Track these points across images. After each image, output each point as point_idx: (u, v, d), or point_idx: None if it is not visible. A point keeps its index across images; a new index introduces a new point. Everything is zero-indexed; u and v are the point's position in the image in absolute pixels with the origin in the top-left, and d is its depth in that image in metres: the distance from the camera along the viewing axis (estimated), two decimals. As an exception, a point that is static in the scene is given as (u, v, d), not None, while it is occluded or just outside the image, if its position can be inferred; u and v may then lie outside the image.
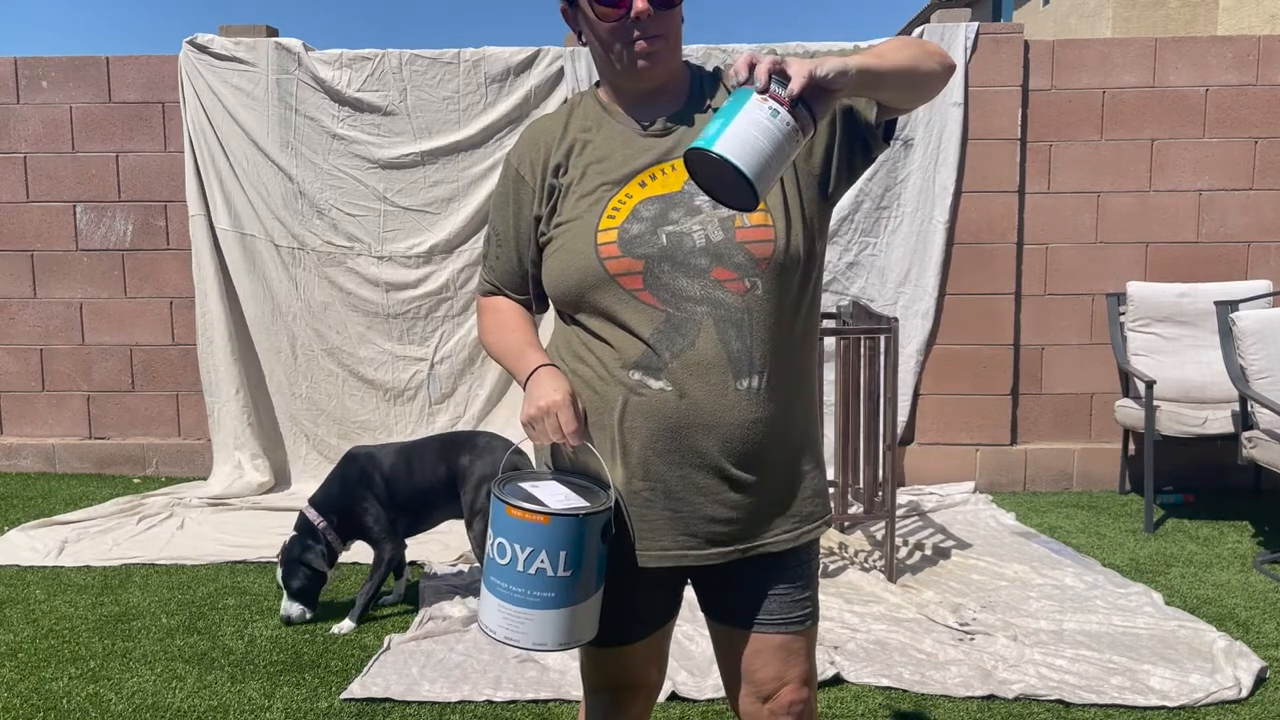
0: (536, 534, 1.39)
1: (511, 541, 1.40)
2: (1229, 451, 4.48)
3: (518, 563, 1.39)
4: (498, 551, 1.41)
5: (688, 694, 2.78)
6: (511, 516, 1.39)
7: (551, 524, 1.39)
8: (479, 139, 5.04)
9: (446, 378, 5.22)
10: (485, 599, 1.45)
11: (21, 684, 2.92)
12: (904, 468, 5.12)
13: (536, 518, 1.39)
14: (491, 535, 1.43)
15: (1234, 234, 5.04)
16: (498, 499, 1.42)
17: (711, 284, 1.43)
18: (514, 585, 1.40)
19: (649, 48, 1.45)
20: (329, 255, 5.15)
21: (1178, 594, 3.56)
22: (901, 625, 3.25)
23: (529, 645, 1.42)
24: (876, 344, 3.73)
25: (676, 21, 1.48)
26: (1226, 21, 18.34)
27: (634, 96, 1.53)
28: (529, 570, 1.39)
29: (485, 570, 1.46)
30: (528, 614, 1.41)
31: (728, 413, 1.44)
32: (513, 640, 1.42)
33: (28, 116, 5.28)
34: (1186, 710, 2.69)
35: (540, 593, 1.40)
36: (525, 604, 1.40)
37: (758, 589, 1.54)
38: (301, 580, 3.32)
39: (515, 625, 1.41)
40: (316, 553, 3.32)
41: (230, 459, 5.14)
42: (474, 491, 3.36)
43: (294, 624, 3.33)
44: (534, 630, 1.42)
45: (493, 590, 1.43)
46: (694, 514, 1.48)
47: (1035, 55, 4.99)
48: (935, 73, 1.43)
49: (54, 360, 5.43)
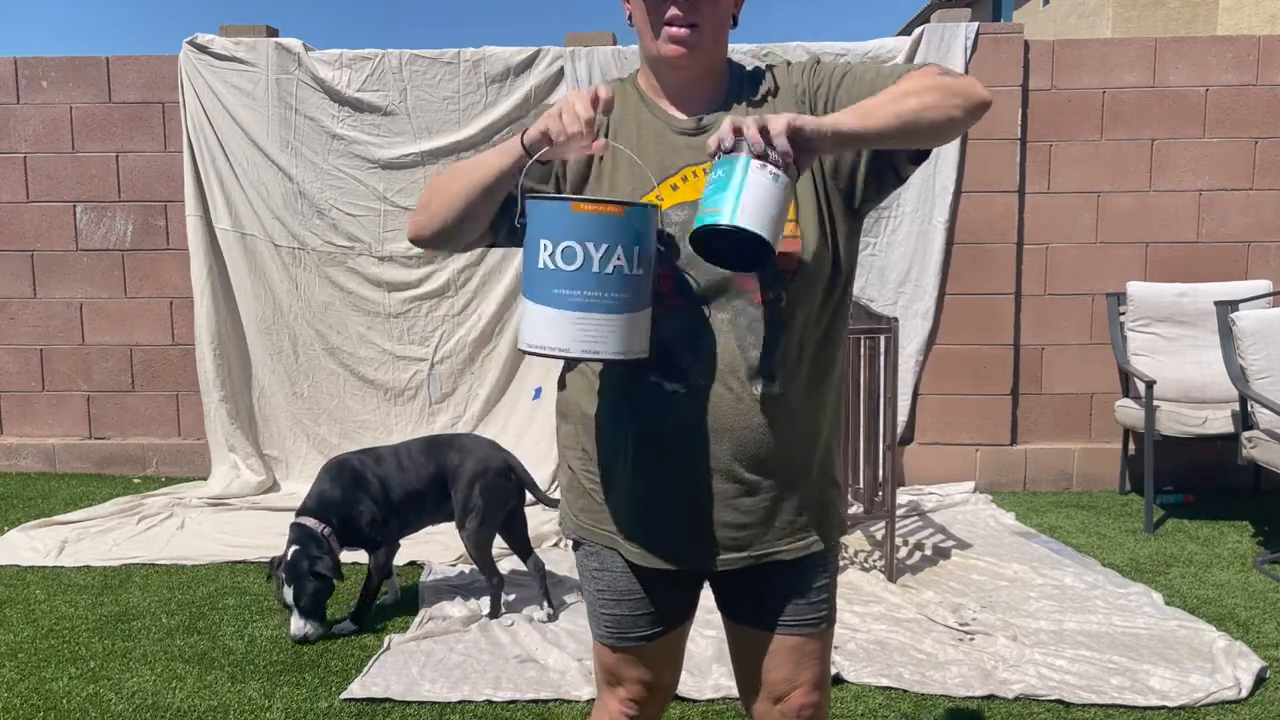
0: (610, 228, 1.29)
1: (583, 241, 1.28)
2: (1229, 451, 4.47)
3: (592, 263, 1.29)
4: (564, 257, 1.29)
5: (688, 694, 2.78)
6: (580, 213, 1.28)
7: (626, 215, 1.30)
8: (479, 139, 5.04)
9: (446, 378, 5.22)
10: (545, 317, 1.31)
11: (21, 684, 2.92)
12: (904, 468, 5.12)
13: (610, 209, 1.29)
14: (548, 243, 1.30)
15: (1234, 234, 5.04)
16: (554, 199, 1.31)
17: (736, 292, 1.42)
18: (588, 290, 1.29)
19: (678, 33, 1.43)
20: (329, 255, 5.15)
21: (1178, 594, 3.56)
22: (901, 625, 3.25)
23: (609, 354, 1.32)
24: (876, 344, 3.73)
25: (720, 14, 1.45)
26: (1226, 21, 18.34)
27: (672, 87, 1.50)
28: (605, 270, 1.29)
29: (541, 285, 1.32)
30: (606, 319, 1.30)
31: (743, 418, 1.44)
32: (590, 352, 1.31)
33: (28, 116, 5.28)
34: (1186, 710, 2.69)
35: (617, 294, 1.30)
36: (602, 308, 1.30)
37: (773, 591, 1.54)
38: (311, 595, 3.15)
39: (593, 334, 1.30)
40: (326, 564, 3.17)
41: (227, 459, 5.14)
42: (466, 490, 3.33)
43: (310, 643, 3.16)
44: (613, 338, 1.31)
45: (557, 303, 1.30)
46: (708, 519, 1.47)
47: (1035, 55, 4.99)
48: (951, 119, 1.33)
49: (54, 360, 5.43)
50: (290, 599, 3.15)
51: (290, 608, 3.16)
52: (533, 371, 5.18)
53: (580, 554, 1.61)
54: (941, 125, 1.33)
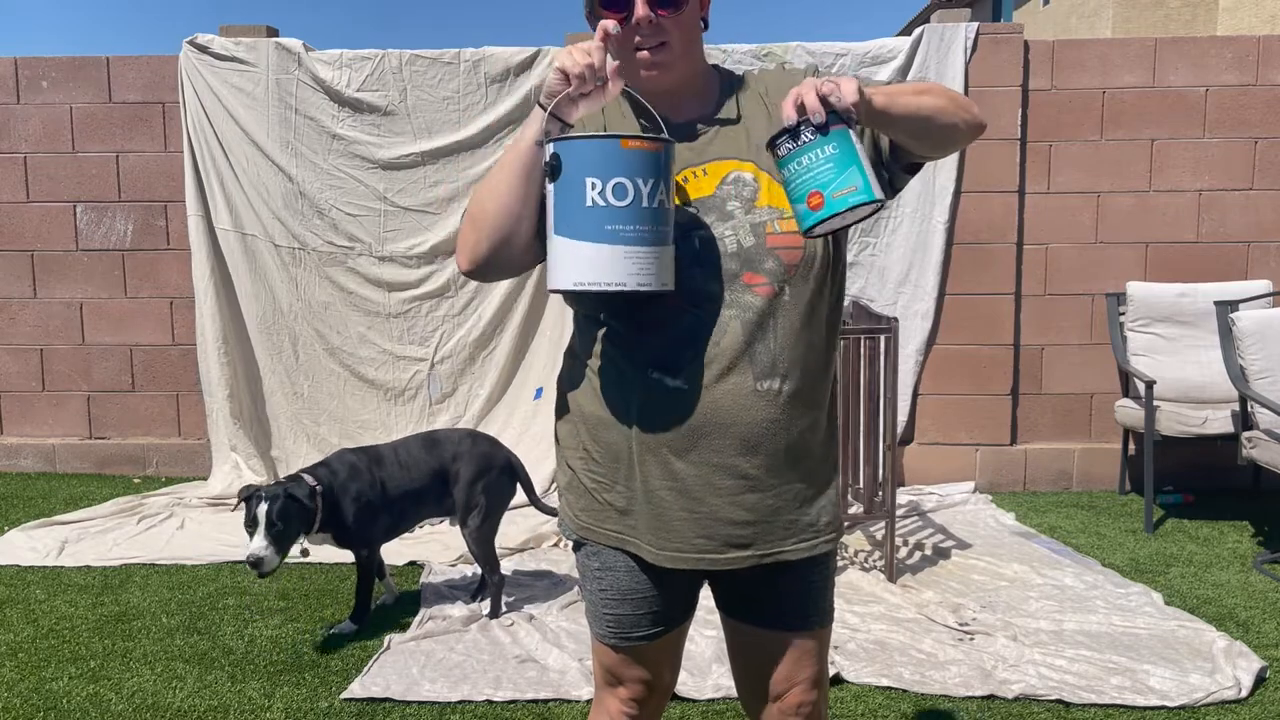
0: (655, 163, 1.34)
1: (633, 177, 1.33)
2: (1229, 451, 4.48)
3: (641, 199, 1.34)
4: (614, 193, 1.33)
5: (688, 694, 2.78)
6: (628, 148, 1.33)
7: (664, 150, 1.35)
8: (479, 139, 5.05)
9: (446, 378, 5.22)
10: (593, 254, 1.34)
11: (21, 684, 2.92)
12: (904, 468, 5.13)
13: (654, 145, 1.34)
14: (597, 181, 1.33)
15: (1234, 234, 5.04)
16: (603, 138, 1.35)
17: (740, 288, 1.43)
18: (640, 224, 1.34)
19: (651, 57, 1.45)
20: (330, 255, 5.15)
21: (1178, 594, 3.56)
22: (901, 625, 3.25)
23: (658, 286, 1.36)
24: (876, 344, 3.73)
25: (686, 26, 1.46)
26: (1226, 21, 18.35)
27: (659, 97, 1.51)
28: (653, 204, 1.34)
29: (587, 223, 1.35)
30: (656, 252, 1.36)
31: (746, 412, 1.44)
32: (644, 285, 1.35)
33: (28, 116, 5.28)
34: (1186, 710, 2.69)
35: (662, 227, 1.36)
36: (652, 240, 1.35)
37: (772, 589, 1.54)
38: (281, 514, 2.95)
39: (644, 267, 1.35)
40: (303, 491, 3.04)
41: (228, 459, 5.14)
42: (466, 490, 3.33)
43: (264, 572, 2.92)
44: (660, 269, 1.36)
45: (612, 239, 1.34)
46: (711, 515, 1.47)
47: (1035, 55, 4.99)
48: (956, 128, 1.42)
49: (54, 360, 5.43)
50: (261, 514, 2.96)
51: (255, 523, 2.96)
52: (533, 372, 5.18)
53: (581, 554, 1.61)
54: (948, 130, 1.42)
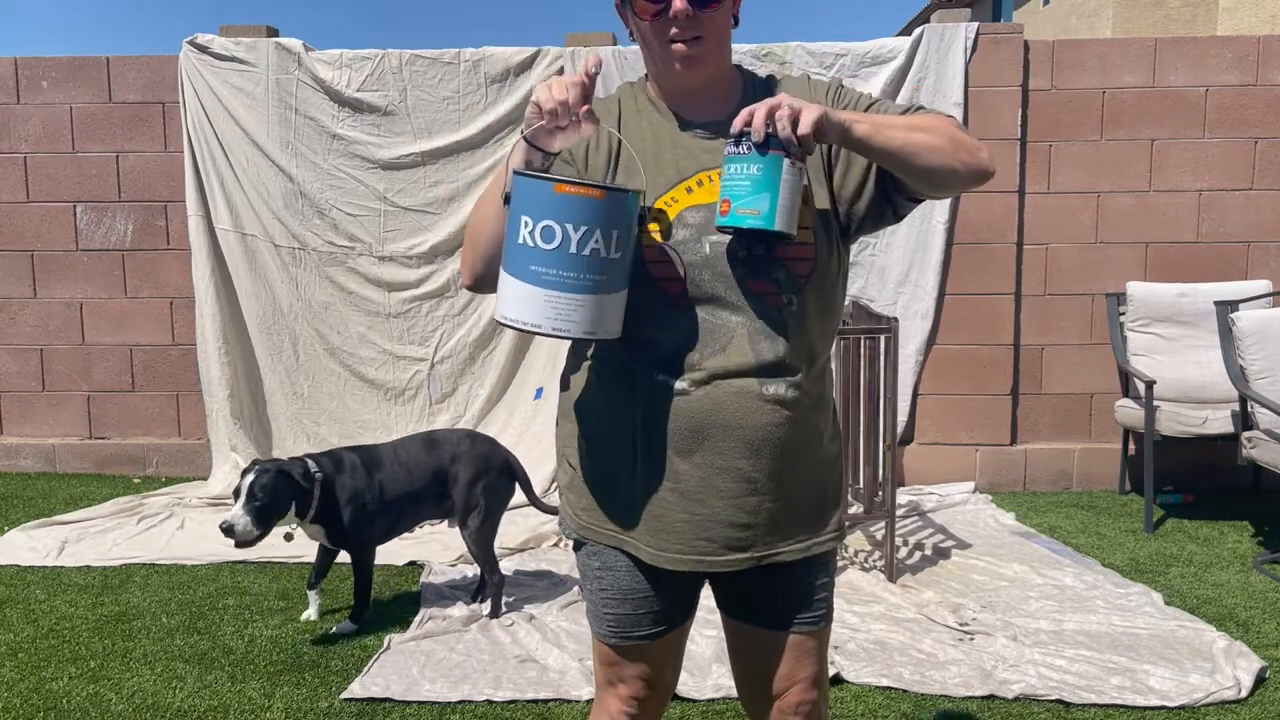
0: (589, 211, 1.32)
1: (561, 221, 1.32)
2: (1229, 451, 4.48)
3: (569, 244, 1.32)
4: (542, 236, 1.33)
5: (688, 694, 2.78)
6: (561, 194, 1.31)
7: (606, 199, 1.32)
8: (479, 139, 5.05)
9: (446, 378, 5.22)
10: (519, 292, 1.35)
11: (21, 684, 2.92)
12: (904, 468, 5.13)
13: (591, 192, 1.32)
14: (529, 220, 1.33)
15: (1234, 234, 5.04)
16: (538, 178, 1.33)
17: (749, 295, 1.43)
18: (564, 270, 1.33)
19: (686, 50, 1.44)
20: (330, 255, 5.15)
21: (1178, 594, 3.56)
22: (901, 625, 3.25)
23: (579, 333, 1.35)
24: (876, 344, 3.73)
25: (720, 22, 1.46)
26: (1226, 21, 18.34)
27: (680, 95, 1.51)
28: (582, 251, 1.33)
29: (518, 260, 1.35)
30: (579, 299, 1.34)
31: (751, 416, 1.44)
32: (561, 330, 1.35)
33: (28, 116, 5.28)
34: (1186, 710, 2.69)
35: (592, 276, 1.34)
36: (577, 288, 1.34)
37: (772, 588, 1.55)
38: (266, 487, 2.96)
39: (565, 313, 1.34)
40: (297, 470, 3.06)
41: (229, 459, 5.14)
42: (465, 491, 3.33)
43: (238, 542, 2.95)
44: (584, 317, 1.35)
45: (534, 280, 1.34)
46: (712, 517, 1.48)
47: (1035, 55, 4.99)
48: (952, 170, 1.38)
49: (54, 360, 5.43)
50: (245, 485, 2.98)
51: (239, 493, 2.99)
52: (533, 372, 5.18)
53: (582, 554, 1.61)
54: (939, 171, 1.38)
